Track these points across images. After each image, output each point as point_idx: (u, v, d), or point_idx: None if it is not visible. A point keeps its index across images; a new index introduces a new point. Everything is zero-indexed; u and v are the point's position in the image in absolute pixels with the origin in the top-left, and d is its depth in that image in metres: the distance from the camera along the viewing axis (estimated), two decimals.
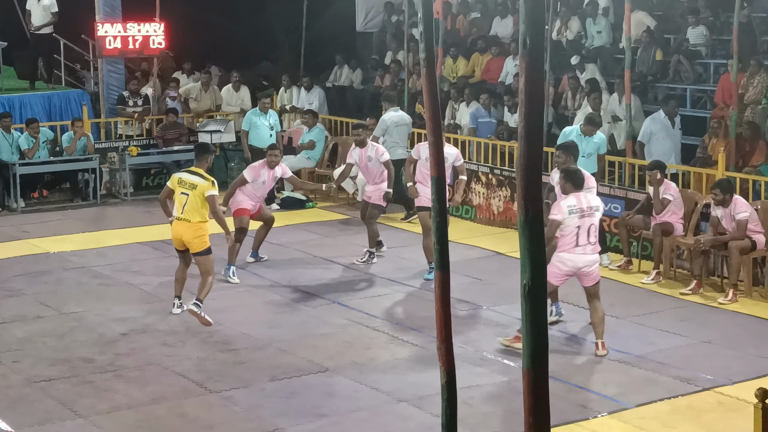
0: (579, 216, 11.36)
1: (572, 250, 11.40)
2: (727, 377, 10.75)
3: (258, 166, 15.44)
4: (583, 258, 11.43)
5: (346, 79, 24.17)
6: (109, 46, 21.33)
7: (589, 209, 11.43)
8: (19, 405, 10.17)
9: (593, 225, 11.46)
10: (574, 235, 11.37)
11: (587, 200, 11.51)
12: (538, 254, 4.32)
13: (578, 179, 11.63)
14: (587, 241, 11.42)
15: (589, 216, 11.41)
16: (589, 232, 11.42)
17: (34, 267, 15.22)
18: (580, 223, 11.36)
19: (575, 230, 11.36)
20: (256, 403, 10.19)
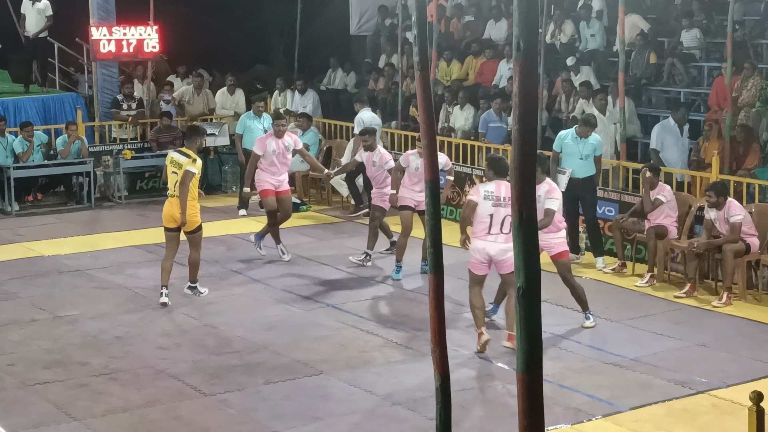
0: (493, 204, 11.41)
1: (484, 237, 11.49)
2: (722, 380, 10.76)
3: (263, 138, 15.91)
4: (494, 246, 11.48)
5: (340, 82, 24.19)
6: (103, 50, 21.31)
7: (506, 199, 11.37)
8: (13, 408, 10.16)
9: (509, 216, 11.30)
10: (487, 223, 11.44)
11: (507, 190, 11.42)
12: (532, 258, 4.33)
13: (500, 167, 11.63)
14: (500, 230, 11.45)
15: (506, 206, 11.33)
16: (503, 222, 11.42)
17: (29, 270, 15.21)
18: (494, 212, 11.42)
19: (488, 218, 11.43)
20: (250, 406, 10.18)
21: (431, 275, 5.71)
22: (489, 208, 11.42)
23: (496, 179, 11.61)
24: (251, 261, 15.65)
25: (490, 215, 11.42)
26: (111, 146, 20.90)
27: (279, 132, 15.74)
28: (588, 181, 15.22)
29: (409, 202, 14.70)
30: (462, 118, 20.03)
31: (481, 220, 11.47)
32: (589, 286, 14.25)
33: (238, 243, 16.64)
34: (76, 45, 23.72)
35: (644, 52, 19.56)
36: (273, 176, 15.68)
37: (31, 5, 22.08)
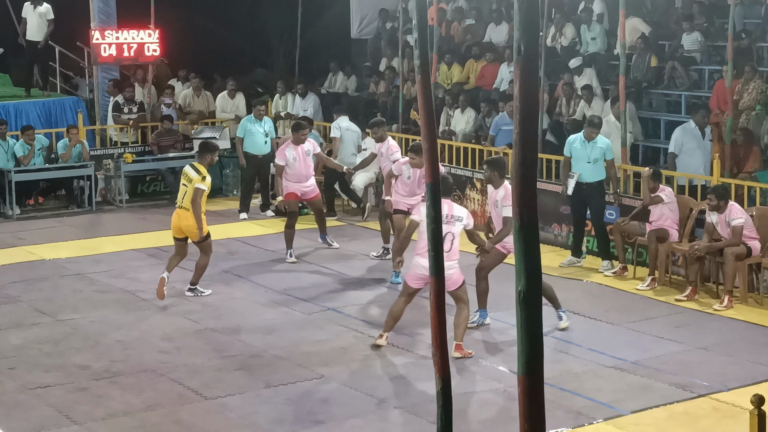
0: None
1: (425, 253, 11.42)
2: (723, 383, 10.76)
3: (282, 148, 16.32)
4: None
5: (340, 85, 24.18)
6: (104, 53, 21.31)
7: (449, 217, 11.53)
8: (14, 411, 10.16)
9: (450, 233, 11.52)
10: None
11: (449, 208, 11.63)
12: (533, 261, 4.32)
13: (444, 187, 11.54)
14: None
15: (447, 224, 11.44)
16: (445, 239, 11.37)
17: (30, 274, 15.21)
18: None
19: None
20: (251, 410, 10.18)
21: (432, 278, 5.71)
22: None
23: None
24: (252, 264, 15.65)
25: None
26: (112, 150, 20.90)
27: (297, 140, 16.17)
28: (596, 186, 15.15)
29: (402, 206, 14.79)
30: (463, 121, 20.02)
31: (423, 237, 11.50)
32: (591, 290, 14.29)
33: (238, 246, 16.64)
34: (77, 49, 23.72)
35: (645, 55, 19.55)
36: (298, 183, 16.12)
37: (33, 9, 22.08)
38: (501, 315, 12.76)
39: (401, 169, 14.83)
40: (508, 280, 12.16)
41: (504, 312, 12.68)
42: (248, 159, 18.94)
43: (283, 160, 16.10)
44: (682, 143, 16.00)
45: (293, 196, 16.12)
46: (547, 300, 12.39)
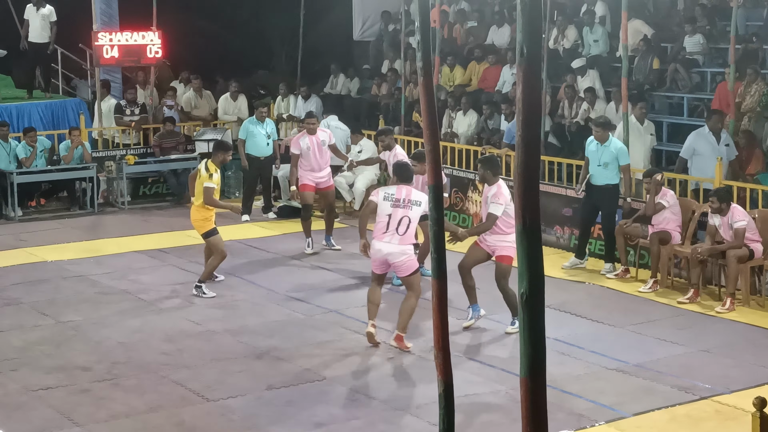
0: (392, 204, 11.78)
1: (380, 236, 11.79)
2: (725, 386, 10.75)
3: (296, 137, 16.81)
4: (388, 246, 11.73)
5: (343, 87, 24.19)
6: (106, 55, 21.32)
7: (406, 201, 11.80)
8: (16, 413, 10.16)
9: (406, 217, 11.74)
10: (385, 222, 11.77)
11: (407, 192, 11.86)
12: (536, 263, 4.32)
13: (405, 174, 12.18)
14: (395, 231, 11.72)
15: (404, 207, 11.75)
16: (399, 222, 11.72)
17: (32, 275, 15.22)
18: (392, 212, 11.75)
19: (386, 218, 11.76)
20: (253, 412, 10.18)
21: (434, 281, 5.71)
22: (387, 209, 11.79)
23: (399, 184, 12.04)
24: (254, 266, 15.66)
25: (388, 215, 11.78)
26: (114, 152, 20.91)
27: (310, 129, 16.62)
28: (606, 189, 15.05)
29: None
30: (465, 123, 20.03)
31: (379, 220, 11.84)
32: (593, 292, 14.28)
33: (241, 248, 16.63)
34: (80, 50, 23.73)
35: (647, 58, 19.55)
36: (313, 172, 16.51)
37: (36, 11, 22.11)
38: (503, 317, 12.75)
39: None
40: (511, 282, 12.21)
41: (506, 314, 12.65)
42: (250, 161, 18.95)
43: (297, 149, 16.48)
44: (694, 149, 15.68)
45: (308, 188, 16.46)
46: (508, 306, 12.40)
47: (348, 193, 19.15)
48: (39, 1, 22.10)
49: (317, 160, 16.54)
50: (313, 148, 16.47)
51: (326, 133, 16.95)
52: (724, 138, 15.68)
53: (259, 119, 19.53)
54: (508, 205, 12.15)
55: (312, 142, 16.50)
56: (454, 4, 24.70)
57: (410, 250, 11.83)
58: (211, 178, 13.96)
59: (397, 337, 11.78)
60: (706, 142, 15.64)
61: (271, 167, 19.44)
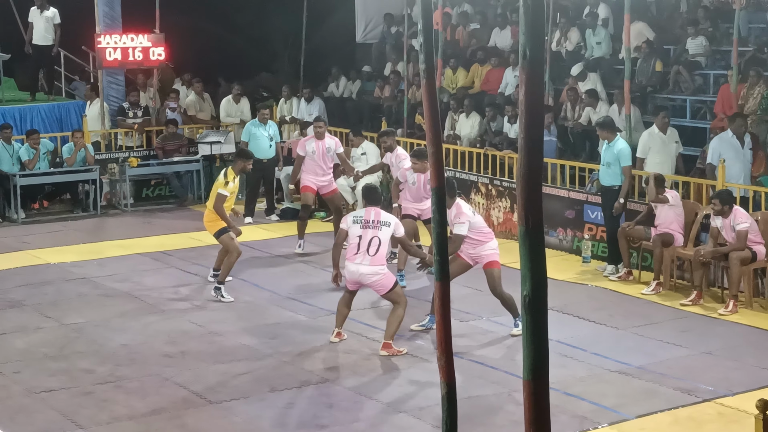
0: (361, 226, 11.90)
1: (352, 258, 11.90)
2: (728, 388, 10.74)
3: (303, 140, 16.92)
4: (359, 268, 11.84)
5: (345, 90, 24.19)
6: (109, 58, 21.34)
7: (375, 222, 11.93)
8: (19, 416, 10.17)
9: (376, 238, 11.86)
10: (356, 245, 11.88)
11: (377, 214, 11.99)
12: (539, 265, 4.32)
13: (372, 196, 12.26)
14: (366, 251, 11.82)
15: (374, 228, 11.88)
16: (370, 243, 11.84)
17: (35, 278, 15.23)
18: (362, 233, 11.86)
19: (357, 240, 11.88)
20: (255, 414, 10.18)
21: (437, 283, 5.71)
22: (357, 231, 11.92)
23: (368, 206, 12.16)
24: (257, 268, 15.67)
25: (358, 237, 11.90)
26: (117, 154, 20.92)
27: (318, 134, 16.72)
28: (611, 191, 15.05)
29: (411, 211, 14.85)
30: (468, 125, 20.03)
31: (351, 242, 11.97)
32: (595, 294, 14.27)
33: (244, 250, 16.57)
34: (82, 53, 23.75)
35: (650, 60, 19.54)
36: (315, 176, 16.61)
37: (40, 13, 22.15)
38: (506, 320, 12.75)
39: (406, 176, 14.90)
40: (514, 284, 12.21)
41: (509, 316, 12.65)
42: (253, 163, 18.91)
43: (302, 151, 16.62)
44: (720, 154, 15.35)
45: (309, 189, 16.56)
46: (507, 310, 12.39)
47: (351, 195, 19.15)
48: (43, 4, 22.14)
49: (321, 165, 16.60)
50: (318, 152, 16.52)
51: (334, 140, 16.99)
52: (747, 142, 15.50)
53: (262, 121, 19.55)
54: (472, 219, 12.21)
55: (318, 147, 16.56)
56: (457, 6, 24.69)
57: (382, 270, 11.91)
58: (226, 185, 14.06)
59: (385, 345, 11.82)
60: (729, 146, 15.39)
61: (273, 169, 19.46)
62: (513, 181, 17.32)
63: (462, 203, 12.45)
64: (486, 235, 12.37)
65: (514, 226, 16.99)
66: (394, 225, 12.04)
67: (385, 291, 11.92)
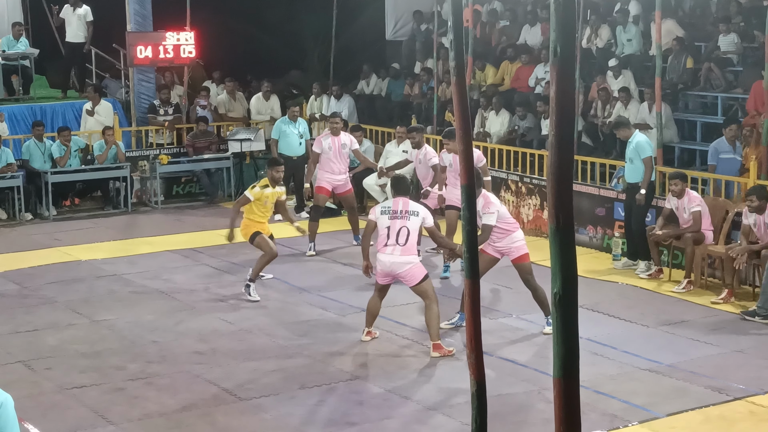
0: (390, 217, 11.83)
1: (383, 249, 11.84)
2: (759, 387, 10.69)
3: (320, 137, 16.97)
4: (390, 258, 11.74)
5: (375, 87, 24.18)
6: (140, 55, 21.42)
7: (403, 212, 11.84)
8: (51, 412, 10.22)
9: (405, 228, 11.77)
10: (385, 235, 11.82)
11: (405, 204, 11.91)
12: (569, 263, 4.30)
13: (401, 187, 12.22)
14: (395, 241, 11.74)
15: (402, 218, 11.79)
16: (399, 233, 11.74)
17: (66, 275, 15.31)
18: (390, 224, 11.80)
19: (386, 230, 11.82)
20: (286, 411, 10.20)
21: (467, 281, 5.69)
22: (386, 221, 11.86)
23: (396, 197, 12.11)
24: (287, 266, 15.68)
25: (387, 228, 11.83)
26: (147, 151, 21.00)
27: (334, 130, 16.73)
28: (635, 187, 15.07)
29: (455, 202, 14.71)
30: (497, 123, 20.00)
31: (380, 233, 11.90)
32: (626, 292, 14.22)
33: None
34: (113, 51, 23.86)
35: (681, 57, 19.45)
36: (331, 174, 16.60)
37: (72, 11, 22.28)
38: (536, 317, 12.73)
39: (443, 159, 15.17)
40: (544, 282, 12.18)
41: (539, 314, 12.63)
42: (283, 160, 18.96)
43: (319, 148, 16.65)
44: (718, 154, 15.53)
45: (323, 191, 16.55)
46: (538, 305, 12.37)
47: (380, 194, 19.14)
48: (76, 2, 22.26)
49: (337, 163, 16.63)
50: (334, 149, 16.57)
51: (349, 137, 17.02)
52: None
53: (292, 119, 19.58)
54: (499, 208, 12.21)
55: (334, 143, 16.61)
56: (487, 3, 24.65)
57: (414, 259, 11.85)
58: (252, 188, 14.16)
59: (435, 346, 11.72)
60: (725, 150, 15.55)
61: (303, 167, 19.47)
62: (543, 178, 17.28)
63: (487, 193, 12.44)
64: (512, 225, 12.36)
65: (544, 224, 16.96)
66: (423, 214, 11.96)
67: (415, 282, 11.81)
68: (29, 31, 24.27)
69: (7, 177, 18.79)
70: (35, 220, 19.11)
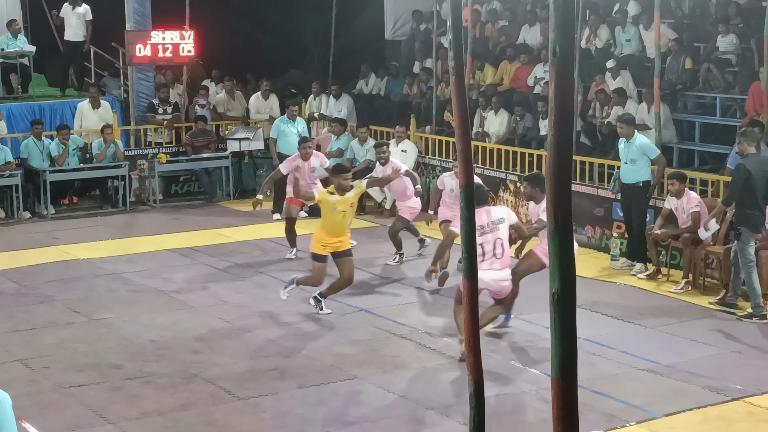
0: (479, 234, 11.30)
1: (480, 266, 11.28)
2: (758, 387, 10.70)
3: (291, 159, 16.18)
4: (489, 274, 11.46)
5: (374, 87, 24.19)
6: (139, 54, 21.43)
7: (490, 224, 11.50)
8: (49, 411, 10.22)
9: (499, 239, 11.53)
10: (480, 253, 11.35)
11: (489, 215, 11.56)
12: (568, 263, 4.31)
13: (478, 197, 11.41)
14: (493, 255, 11.50)
15: (492, 231, 11.49)
16: (494, 246, 11.50)
17: (65, 273, 15.31)
18: (482, 241, 11.38)
19: (480, 248, 11.33)
20: (284, 410, 10.20)
21: (465, 281, 5.70)
22: (478, 239, 11.33)
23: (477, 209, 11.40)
24: (285, 265, 15.69)
25: (480, 245, 11.36)
26: (146, 150, 21.01)
27: (305, 155, 16.11)
28: (636, 187, 15.07)
29: (449, 216, 14.71)
30: (496, 123, 20.01)
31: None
32: (624, 292, 14.23)
33: (272, 247, 16.68)
34: (112, 49, 23.87)
35: (680, 58, 19.45)
36: None
37: (72, 10, 22.29)
38: (534, 317, 12.73)
39: (444, 183, 14.79)
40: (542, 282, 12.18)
41: (538, 314, 12.64)
42: (281, 159, 18.95)
43: (285, 171, 16.05)
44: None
45: (295, 202, 15.97)
46: None
47: (378, 194, 19.15)
48: (75, 0, 22.25)
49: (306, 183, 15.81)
50: (303, 172, 15.75)
51: (319, 159, 16.49)
52: None
53: (291, 118, 19.59)
54: None
55: (303, 167, 15.83)
56: (486, 3, 24.64)
57: (509, 274, 11.72)
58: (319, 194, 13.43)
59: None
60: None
61: None
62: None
63: None
64: None
65: None
66: (507, 216, 11.73)
67: (505, 295, 11.73)
68: (28, 30, 24.29)
69: (6, 175, 18.80)
70: (34, 219, 19.11)
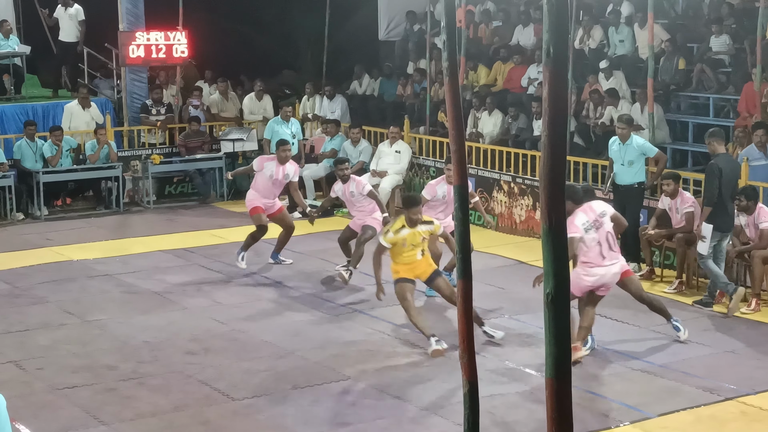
0: (594, 230, 11.28)
1: (601, 262, 11.34)
2: (751, 387, 10.71)
3: (265, 158, 15.89)
4: (611, 270, 11.41)
5: (368, 87, 24.18)
6: (132, 55, 21.42)
7: (597, 221, 11.36)
8: (42, 412, 10.21)
9: (608, 232, 11.42)
10: (599, 251, 11.30)
11: (593, 210, 11.44)
12: (562, 263, 4.31)
13: (575, 196, 11.40)
14: (609, 249, 11.39)
15: (600, 228, 11.35)
16: (608, 239, 11.39)
17: (58, 274, 15.29)
18: (597, 236, 11.30)
19: (597, 245, 11.28)
20: (278, 412, 10.20)
21: (460, 281, 5.70)
22: (594, 235, 11.28)
23: (576, 207, 11.35)
24: (279, 265, 15.67)
25: (598, 242, 11.29)
26: (139, 151, 20.99)
27: (282, 159, 15.59)
28: (631, 188, 15.09)
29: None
30: (490, 123, 20.01)
31: (592, 247, 11.29)
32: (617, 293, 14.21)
33: (266, 247, 16.64)
34: (106, 50, 23.85)
35: (673, 58, 19.47)
36: (263, 198, 15.57)
37: (64, 11, 22.26)
38: (529, 318, 12.73)
39: (436, 191, 14.21)
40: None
41: (531, 315, 12.64)
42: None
43: (257, 167, 15.68)
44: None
45: (259, 210, 15.55)
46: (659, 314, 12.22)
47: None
48: (67, 1, 22.24)
49: (273, 188, 15.65)
50: (275, 177, 15.52)
51: (294, 167, 15.89)
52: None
53: (284, 119, 19.59)
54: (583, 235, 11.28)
55: (277, 172, 15.53)
56: (480, 4, 24.64)
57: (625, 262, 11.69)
58: (386, 234, 12.18)
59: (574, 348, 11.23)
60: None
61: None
62: (536, 179, 17.29)
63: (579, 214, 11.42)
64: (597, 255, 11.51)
65: (537, 225, 16.95)
66: (608, 208, 11.69)
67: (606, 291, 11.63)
68: (21, 31, 24.25)
69: None
70: (27, 220, 19.08)
